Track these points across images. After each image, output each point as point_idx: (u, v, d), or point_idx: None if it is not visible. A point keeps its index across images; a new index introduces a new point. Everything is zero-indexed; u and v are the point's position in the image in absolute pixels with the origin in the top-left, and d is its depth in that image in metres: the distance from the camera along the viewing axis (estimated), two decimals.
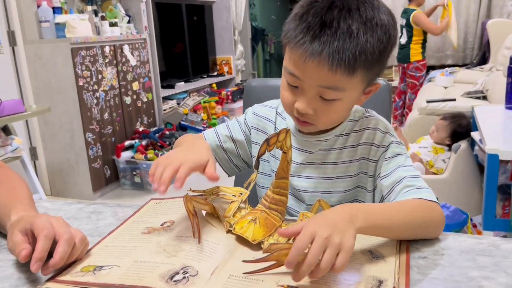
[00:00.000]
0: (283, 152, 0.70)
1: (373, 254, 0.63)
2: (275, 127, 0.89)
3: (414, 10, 4.00)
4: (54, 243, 0.61)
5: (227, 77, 4.75)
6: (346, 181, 0.82)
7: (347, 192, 0.83)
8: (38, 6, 2.71)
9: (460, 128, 2.34)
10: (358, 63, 0.68)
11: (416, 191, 0.71)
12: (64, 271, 0.62)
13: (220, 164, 0.92)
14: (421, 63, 4.08)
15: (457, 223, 1.94)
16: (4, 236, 0.70)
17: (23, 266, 0.64)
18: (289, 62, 0.72)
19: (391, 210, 0.67)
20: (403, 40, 4.13)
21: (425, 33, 4.06)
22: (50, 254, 0.60)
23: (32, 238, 0.62)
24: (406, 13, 4.08)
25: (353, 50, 0.67)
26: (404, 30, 4.10)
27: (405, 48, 4.12)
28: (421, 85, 4.11)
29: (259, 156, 0.70)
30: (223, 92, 4.41)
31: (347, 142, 0.82)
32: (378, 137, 0.80)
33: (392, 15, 0.73)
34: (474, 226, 2.09)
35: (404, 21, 4.09)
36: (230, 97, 4.42)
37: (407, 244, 0.66)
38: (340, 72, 0.68)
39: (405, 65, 4.14)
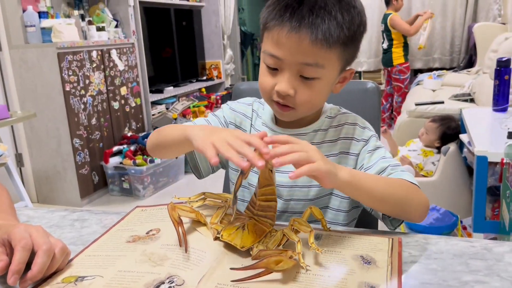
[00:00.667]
0: None
1: (364, 259, 0.62)
2: (251, 123, 0.90)
3: (390, 14, 4.05)
4: (33, 254, 0.58)
5: (216, 81, 4.73)
6: None
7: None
8: (24, 11, 2.68)
9: (450, 131, 2.35)
10: (335, 38, 0.71)
11: (401, 173, 0.75)
12: (43, 283, 0.59)
13: (198, 164, 0.90)
14: (404, 65, 4.13)
15: (447, 225, 1.95)
16: None
17: (0, 278, 0.61)
18: (269, 45, 0.75)
19: (375, 178, 0.72)
20: (385, 45, 4.19)
21: (405, 36, 4.11)
22: (29, 266, 0.58)
23: (10, 249, 0.59)
24: (384, 18, 4.14)
25: (330, 24, 0.70)
26: (385, 35, 4.15)
27: (387, 52, 4.17)
28: (406, 87, 4.16)
29: (236, 190, 0.64)
30: (213, 97, 4.39)
31: (326, 137, 0.85)
32: (358, 132, 0.83)
33: (362, 5, 0.78)
34: (464, 228, 2.09)
35: (383, 26, 4.15)
36: (219, 101, 4.39)
37: (399, 248, 0.65)
38: (319, 45, 0.70)
39: (389, 68, 4.20)
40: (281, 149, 0.60)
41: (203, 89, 4.52)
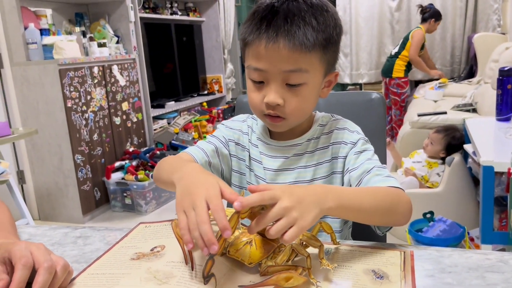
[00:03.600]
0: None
1: (376, 274, 0.60)
2: (249, 139, 0.91)
3: (420, 28, 4.05)
4: (34, 272, 0.57)
5: (217, 95, 4.73)
6: (321, 182, 0.84)
7: None
8: (25, 28, 2.69)
9: (455, 141, 2.33)
10: (312, 42, 0.73)
11: (385, 179, 0.75)
12: None
13: None
14: (403, 80, 4.08)
15: (455, 237, 1.92)
16: None
17: None
18: (251, 59, 0.77)
19: (360, 192, 0.70)
20: (395, 50, 4.16)
21: None
22: (30, 284, 0.56)
23: (11, 267, 0.58)
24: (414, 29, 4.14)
25: (306, 29, 0.73)
26: (401, 42, 4.15)
27: (391, 60, 4.15)
28: (403, 101, 4.11)
29: (206, 274, 0.58)
30: (214, 111, 4.39)
31: (318, 144, 0.86)
32: (347, 136, 0.85)
33: (334, 8, 0.80)
34: (472, 239, 2.06)
35: (407, 34, 4.13)
36: (221, 115, 4.39)
37: (411, 262, 0.63)
38: (299, 51, 0.72)
39: (387, 80, 4.17)
40: (263, 220, 0.57)
41: (205, 104, 4.52)
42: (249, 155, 0.90)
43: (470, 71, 4.38)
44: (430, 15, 4.08)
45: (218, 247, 0.55)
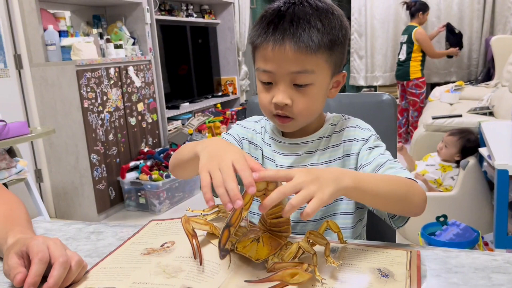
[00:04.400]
0: (263, 194, 0.62)
1: (382, 273, 0.61)
2: (262, 138, 0.93)
3: (416, 27, 4.04)
4: (50, 266, 0.59)
5: (231, 97, 4.76)
6: None
7: None
8: (45, 30, 2.75)
9: (470, 144, 2.31)
10: (317, 43, 0.75)
11: (398, 171, 0.76)
12: None
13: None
14: (421, 80, 4.11)
15: (468, 241, 1.90)
16: (1, 259, 0.69)
17: None
18: (260, 61, 0.80)
19: (377, 178, 0.71)
20: (402, 56, 4.15)
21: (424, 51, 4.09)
22: (45, 278, 0.58)
23: (28, 261, 0.60)
24: (407, 29, 4.12)
25: (311, 32, 0.75)
26: (404, 46, 4.13)
27: (404, 65, 4.14)
28: (422, 102, 4.12)
29: (223, 244, 0.59)
30: (228, 112, 4.41)
31: (330, 142, 0.88)
32: (358, 133, 0.86)
33: (341, 11, 0.82)
34: (486, 244, 2.03)
35: (405, 38, 4.12)
36: (234, 116, 4.42)
37: (417, 262, 0.63)
38: (304, 53, 0.75)
39: (405, 82, 4.17)
40: (278, 193, 0.58)
41: (219, 105, 4.55)
42: (262, 154, 0.92)
43: (488, 74, 4.32)
44: (417, 9, 4.09)
45: (243, 204, 0.56)
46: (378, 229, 1.05)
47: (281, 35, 0.75)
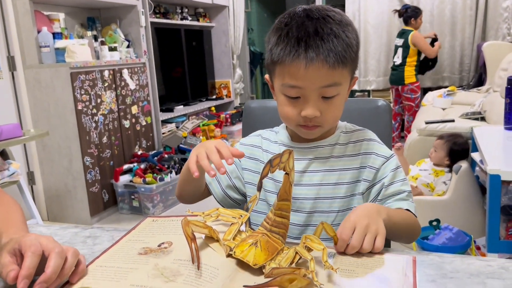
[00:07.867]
0: (286, 174, 0.69)
1: (378, 278, 0.61)
2: (262, 149, 0.94)
3: (411, 31, 4.07)
4: (44, 262, 0.58)
5: (226, 100, 4.77)
6: (345, 187, 0.87)
7: (346, 198, 0.87)
8: (39, 32, 2.74)
9: (456, 146, 2.33)
10: (347, 56, 0.78)
11: (410, 204, 0.86)
12: None
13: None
14: (415, 85, 4.14)
15: (461, 246, 1.91)
16: None
17: (13, 286, 0.61)
18: (288, 78, 0.80)
19: (399, 213, 0.82)
20: (398, 60, 4.18)
21: (419, 55, 4.13)
22: (40, 273, 0.58)
23: (21, 259, 0.59)
24: (404, 33, 4.15)
25: (340, 45, 0.77)
26: (400, 51, 4.16)
27: (398, 69, 4.17)
28: (417, 106, 4.16)
29: (262, 178, 0.69)
30: (222, 115, 4.41)
31: (346, 151, 0.90)
32: (377, 147, 0.90)
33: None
34: (478, 248, 2.05)
35: (401, 42, 4.15)
36: (229, 119, 4.42)
37: (413, 267, 0.64)
38: (336, 67, 0.77)
39: (399, 87, 4.20)
40: (354, 244, 0.68)
41: (213, 108, 4.55)
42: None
43: (479, 79, 4.36)
44: (408, 16, 4.13)
45: (225, 171, 0.68)
46: None
47: (313, 52, 0.76)
